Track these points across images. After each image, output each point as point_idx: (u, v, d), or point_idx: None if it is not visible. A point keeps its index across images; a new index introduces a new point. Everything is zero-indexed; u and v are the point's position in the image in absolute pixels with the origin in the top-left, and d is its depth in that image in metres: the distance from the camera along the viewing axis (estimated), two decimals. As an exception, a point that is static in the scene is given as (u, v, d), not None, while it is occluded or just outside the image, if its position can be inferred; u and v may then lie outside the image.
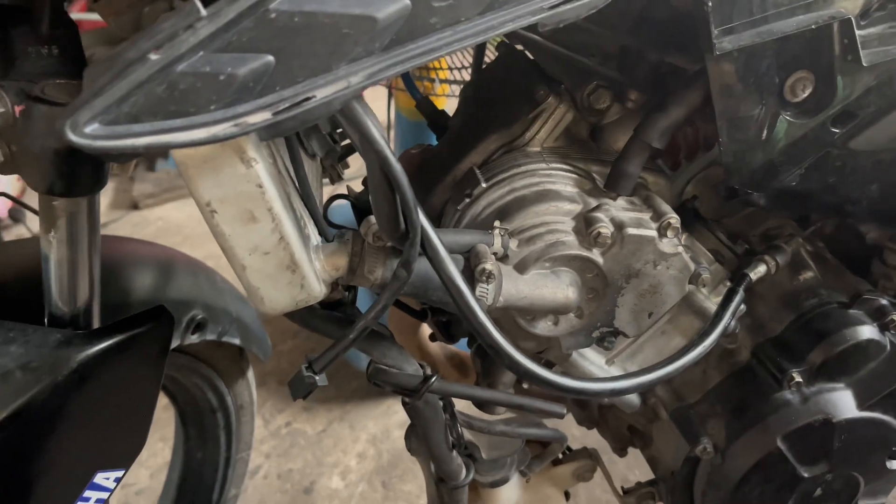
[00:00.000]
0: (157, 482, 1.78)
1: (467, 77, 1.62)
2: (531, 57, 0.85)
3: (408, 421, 1.95)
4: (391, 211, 0.58)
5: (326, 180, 0.96)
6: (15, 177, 0.96)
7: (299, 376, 0.64)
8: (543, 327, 0.73)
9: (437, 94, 1.56)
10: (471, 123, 0.84)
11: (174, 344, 0.99)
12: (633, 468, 1.77)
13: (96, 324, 0.75)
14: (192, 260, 1.10)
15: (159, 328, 0.76)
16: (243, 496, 1.47)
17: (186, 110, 0.47)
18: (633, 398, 0.91)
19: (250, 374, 1.31)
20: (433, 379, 0.73)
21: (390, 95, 1.97)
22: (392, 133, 2.06)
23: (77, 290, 0.71)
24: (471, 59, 1.60)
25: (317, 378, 0.64)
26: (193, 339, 1.02)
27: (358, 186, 0.98)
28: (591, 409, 1.04)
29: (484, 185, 0.75)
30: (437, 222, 0.83)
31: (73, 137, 0.43)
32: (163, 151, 0.49)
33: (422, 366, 0.76)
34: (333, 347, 0.63)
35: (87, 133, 0.44)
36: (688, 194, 0.89)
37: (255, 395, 1.35)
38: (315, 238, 0.67)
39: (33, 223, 2.97)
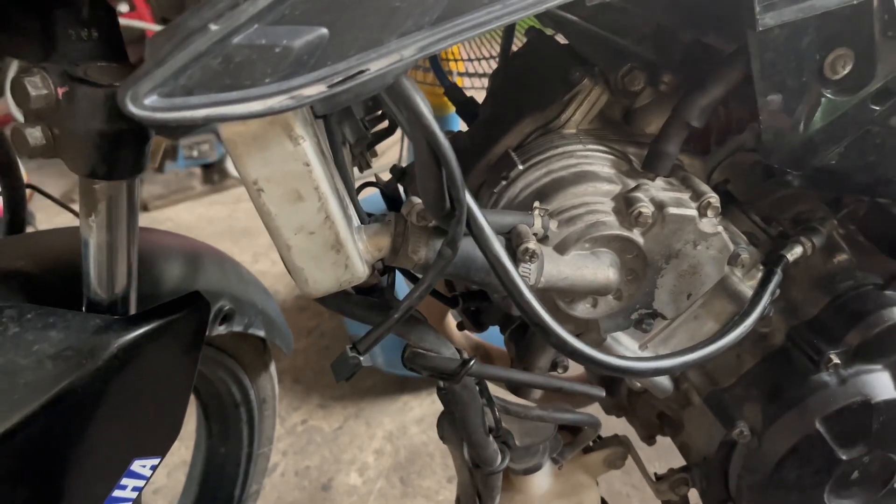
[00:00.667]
0: (174, 481, 1.78)
1: (483, 70, 1.62)
2: (562, 41, 0.84)
3: (424, 417, 1.94)
4: (437, 188, 0.58)
5: (355, 169, 0.96)
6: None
7: (343, 357, 0.64)
8: (583, 309, 0.73)
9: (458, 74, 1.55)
10: (503, 108, 0.84)
11: (202, 335, 0.99)
12: (653, 461, 1.76)
13: (133, 310, 0.74)
14: (218, 252, 1.10)
15: (196, 314, 0.76)
16: (262, 494, 1.47)
17: (241, 83, 0.47)
18: (667, 383, 0.90)
19: (273, 367, 1.31)
20: (472, 362, 0.73)
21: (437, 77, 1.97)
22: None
23: (115, 275, 0.71)
24: (488, 51, 1.60)
25: (361, 359, 0.63)
26: (221, 329, 1.02)
27: (385, 176, 0.98)
28: (620, 396, 1.04)
29: (521, 166, 0.75)
30: (471, 207, 0.82)
31: (133, 109, 0.43)
32: (218, 123, 0.49)
33: (458, 350, 0.76)
34: (377, 328, 0.63)
35: (147, 105, 0.44)
36: (714, 181, 0.89)
37: (278, 389, 1.35)
38: (356, 219, 0.67)
39: (42, 226, 2.97)
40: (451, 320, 1.16)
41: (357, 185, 0.92)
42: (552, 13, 0.69)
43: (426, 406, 2.00)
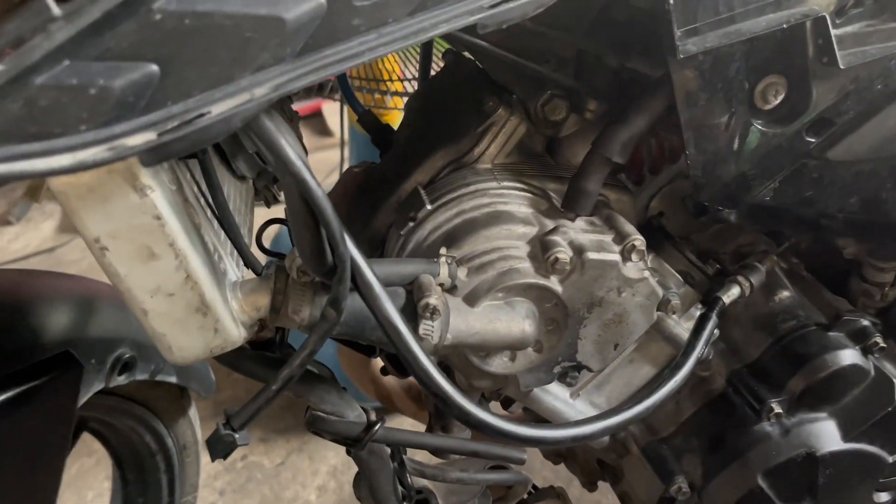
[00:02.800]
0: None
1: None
2: (480, 64, 0.77)
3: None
4: (315, 242, 0.51)
5: (262, 203, 0.88)
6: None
7: (217, 434, 0.56)
8: (499, 364, 0.65)
9: (388, 108, 1.48)
10: (416, 139, 0.77)
11: (98, 387, 0.90)
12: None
13: (-10, 375, 0.65)
14: (120, 292, 1.00)
15: (65, 377, 0.68)
16: (195, 538, 1.37)
17: (51, 131, 0.39)
18: (602, 433, 0.84)
19: (192, 411, 1.22)
20: (377, 427, 0.65)
21: (343, 108, 1.88)
22: (347, 150, 1.98)
23: (-37, 338, 0.62)
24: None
25: (237, 436, 0.55)
26: (121, 380, 0.93)
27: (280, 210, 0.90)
28: (557, 442, 0.97)
29: (429, 206, 0.67)
30: (380, 248, 0.75)
31: None
32: (20, 181, 0.41)
33: (365, 410, 0.68)
34: (254, 400, 0.55)
35: (-83, 162, 0.35)
36: (653, 210, 0.83)
37: (200, 434, 1.25)
38: (234, 273, 0.59)
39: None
40: (377, 364, 1.08)
41: (264, 221, 0.84)
42: (457, 37, 0.62)
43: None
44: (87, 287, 0.94)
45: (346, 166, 2.02)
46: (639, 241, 0.64)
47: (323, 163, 3.24)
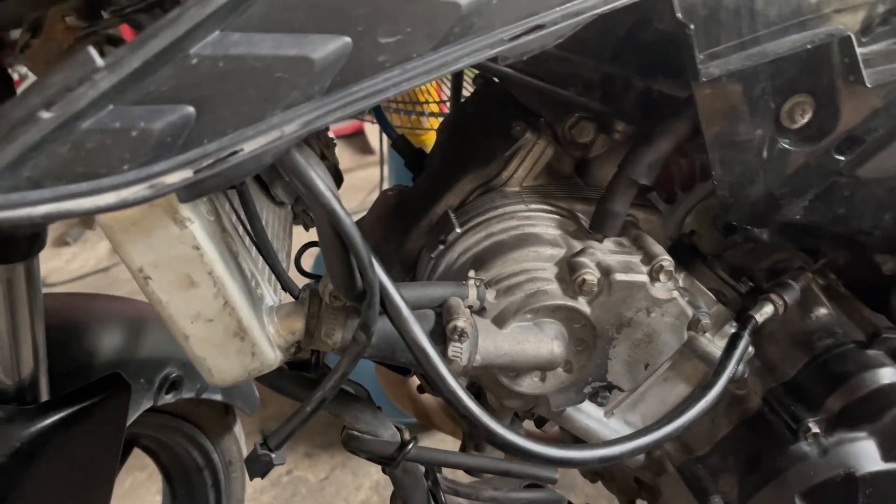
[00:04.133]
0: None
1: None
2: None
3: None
4: (345, 269, 0.53)
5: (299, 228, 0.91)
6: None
7: (255, 454, 0.58)
8: (529, 384, 0.66)
9: (425, 129, 1.50)
10: (447, 162, 0.79)
11: (147, 405, 0.93)
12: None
13: (45, 396, 0.69)
14: (167, 313, 1.04)
15: (114, 398, 0.71)
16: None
17: (97, 172, 0.42)
18: (637, 452, 0.84)
19: (238, 428, 1.25)
20: (410, 445, 0.66)
21: (381, 132, 1.92)
22: (387, 168, 2.01)
23: (20, 361, 0.66)
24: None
25: (273, 456, 0.57)
26: (168, 398, 0.96)
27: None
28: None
29: (458, 230, 0.69)
30: (413, 270, 0.77)
31: (-43, 209, 0.38)
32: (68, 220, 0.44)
33: (399, 429, 0.70)
34: (290, 421, 0.57)
35: (-25, 203, 0.38)
36: (687, 227, 0.83)
37: (245, 449, 1.28)
38: (271, 298, 0.61)
39: (35, 270, 2.94)
40: (415, 382, 1.10)
41: (302, 244, 0.87)
42: (483, 65, 0.63)
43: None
44: (136, 309, 0.99)
45: (386, 184, 2.06)
46: (667, 261, 0.64)
47: (365, 180, 3.29)
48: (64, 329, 0.81)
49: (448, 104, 1.53)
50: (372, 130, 3.77)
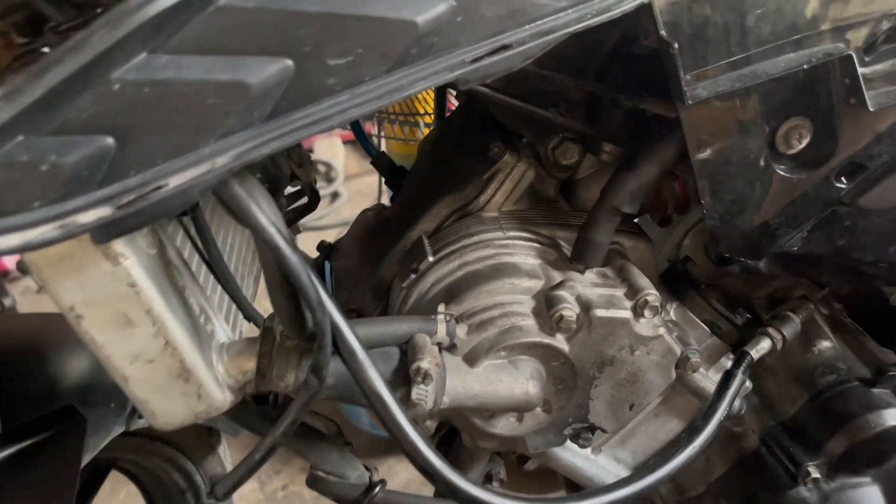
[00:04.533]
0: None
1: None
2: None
3: (409, 483, 1.80)
4: (294, 308, 0.49)
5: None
6: None
7: None
8: (505, 426, 0.62)
9: (419, 141, 1.46)
10: (425, 184, 0.75)
11: (119, 430, 0.90)
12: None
13: (-5, 429, 0.66)
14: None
15: (68, 432, 0.67)
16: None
17: (3, 209, 0.38)
18: (626, 491, 0.79)
19: (222, 448, 1.21)
20: (377, 490, 0.62)
21: (379, 140, 1.88)
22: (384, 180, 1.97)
23: (-35, 393, 0.62)
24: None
25: (220, 506, 0.53)
26: (141, 422, 0.93)
27: (328, 235, 0.88)
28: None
29: (431, 258, 0.65)
30: (385, 297, 0.72)
31: None
32: None
33: (367, 469, 0.66)
34: (238, 468, 0.53)
35: None
36: (687, 248, 0.78)
37: (230, 469, 1.25)
38: (224, 333, 0.57)
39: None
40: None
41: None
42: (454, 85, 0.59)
43: (412, 471, 1.88)
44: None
45: (384, 192, 2.00)
46: (652, 296, 0.59)
47: (371, 186, 3.24)
48: (23, 352, 0.77)
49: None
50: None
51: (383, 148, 1.90)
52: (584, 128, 0.66)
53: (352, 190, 3.53)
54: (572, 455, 0.75)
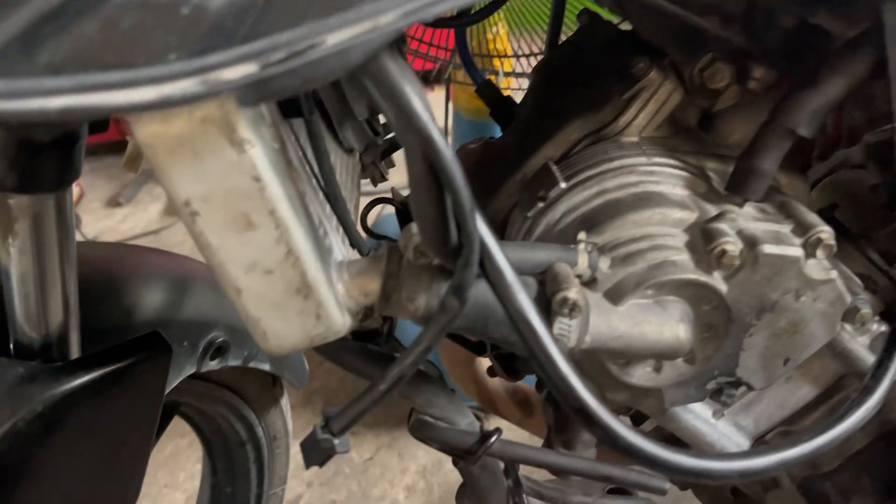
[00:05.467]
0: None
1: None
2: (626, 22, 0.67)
3: (431, 464, 1.71)
4: (439, 216, 0.42)
5: (368, 182, 0.81)
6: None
7: (314, 438, 0.48)
8: (641, 375, 0.55)
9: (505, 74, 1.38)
10: (544, 110, 0.67)
11: (190, 370, 0.85)
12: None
13: (74, 353, 0.60)
14: (215, 272, 0.95)
15: (153, 360, 0.62)
16: (281, 529, 1.33)
17: (134, 60, 0.31)
18: (748, 461, 0.72)
19: (284, 401, 1.16)
20: (493, 439, 0.56)
21: (448, 96, 1.80)
22: (450, 138, 1.90)
23: (48, 311, 0.57)
24: (538, 47, 1.43)
25: (335, 442, 0.47)
26: (213, 364, 0.88)
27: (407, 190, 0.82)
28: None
29: (563, 184, 0.57)
30: (501, 233, 0.66)
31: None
32: (93, 119, 0.35)
33: (478, 417, 0.59)
34: (357, 402, 0.46)
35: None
36: (826, 198, 0.70)
37: (291, 425, 1.20)
38: (340, 252, 0.51)
39: (88, 228, 2.93)
40: (483, 363, 0.99)
41: (369, 201, 0.77)
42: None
43: (433, 453, 1.83)
44: (183, 266, 0.90)
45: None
46: (825, 233, 0.52)
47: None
48: (100, 280, 0.72)
49: (528, 60, 1.41)
50: (436, 101, 3.65)
51: (450, 107, 1.82)
52: (742, 43, 0.57)
53: (399, 157, 3.47)
54: (694, 417, 0.68)
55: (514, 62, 1.36)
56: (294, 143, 0.53)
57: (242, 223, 0.42)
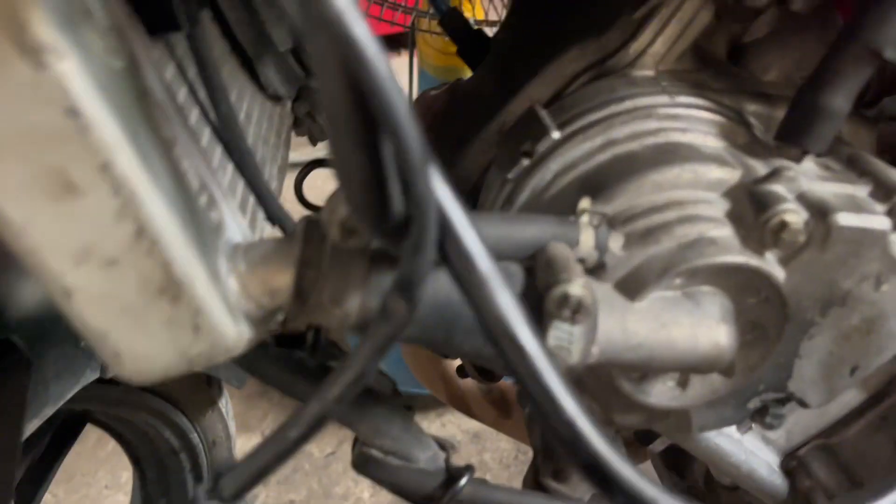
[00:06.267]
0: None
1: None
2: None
3: None
4: (371, 172, 0.26)
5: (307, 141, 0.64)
6: None
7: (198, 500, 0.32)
8: (662, 393, 0.40)
9: (476, 22, 1.21)
10: (530, 36, 0.51)
11: (93, 376, 0.69)
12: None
13: None
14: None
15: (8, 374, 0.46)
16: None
17: None
18: (779, 482, 0.58)
19: (224, 401, 1.01)
20: (463, 481, 0.41)
21: (412, 61, 1.61)
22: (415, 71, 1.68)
23: None
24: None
25: (227, 511, 0.32)
26: (123, 367, 0.72)
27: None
28: (694, 479, 0.72)
29: (555, 134, 0.42)
30: (471, 203, 0.50)
31: None
32: None
33: (443, 446, 0.44)
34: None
35: None
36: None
37: (233, 427, 1.04)
38: (238, 231, 0.35)
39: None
40: (453, 362, 0.84)
41: (306, 163, 0.61)
42: None
43: (435, 429, 1.69)
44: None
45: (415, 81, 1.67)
46: (919, 197, 0.37)
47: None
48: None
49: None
50: (399, 64, 3.46)
51: (415, 73, 1.65)
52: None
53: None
54: (717, 434, 0.54)
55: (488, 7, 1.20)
56: (177, 73, 0.37)
57: (59, 186, 0.26)
